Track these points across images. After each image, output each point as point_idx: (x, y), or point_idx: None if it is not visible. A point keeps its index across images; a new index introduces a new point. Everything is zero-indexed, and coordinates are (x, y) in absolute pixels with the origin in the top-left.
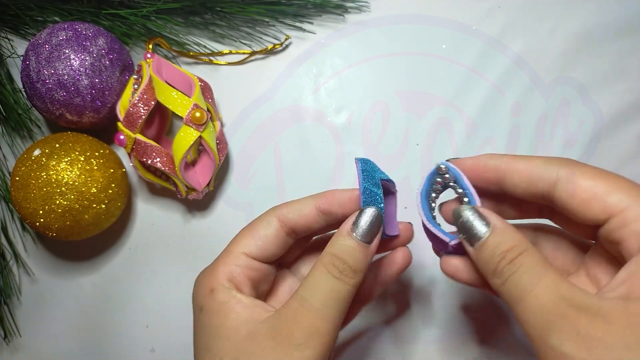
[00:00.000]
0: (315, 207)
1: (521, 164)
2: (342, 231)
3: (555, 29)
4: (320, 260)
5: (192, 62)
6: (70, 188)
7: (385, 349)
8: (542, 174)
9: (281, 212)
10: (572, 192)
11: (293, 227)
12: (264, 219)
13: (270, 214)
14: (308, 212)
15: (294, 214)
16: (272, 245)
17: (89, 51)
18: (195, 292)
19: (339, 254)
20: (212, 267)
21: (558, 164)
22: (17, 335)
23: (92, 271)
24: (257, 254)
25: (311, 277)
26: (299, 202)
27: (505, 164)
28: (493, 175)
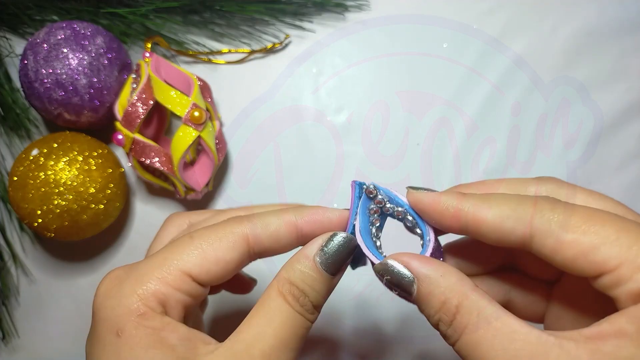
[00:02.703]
0: (296, 226)
1: (488, 213)
2: (304, 254)
3: (555, 29)
4: (277, 287)
5: (191, 61)
6: (69, 188)
7: None
8: (515, 226)
9: (253, 231)
10: (554, 249)
11: (262, 251)
12: (227, 237)
13: (237, 231)
14: (287, 234)
15: (269, 235)
16: (228, 272)
17: (87, 50)
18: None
19: (299, 283)
20: (139, 278)
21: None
22: (16, 336)
23: (91, 272)
24: (205, 279)
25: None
26: (276, 218)
27: (468, 210)
28: (456, 222)
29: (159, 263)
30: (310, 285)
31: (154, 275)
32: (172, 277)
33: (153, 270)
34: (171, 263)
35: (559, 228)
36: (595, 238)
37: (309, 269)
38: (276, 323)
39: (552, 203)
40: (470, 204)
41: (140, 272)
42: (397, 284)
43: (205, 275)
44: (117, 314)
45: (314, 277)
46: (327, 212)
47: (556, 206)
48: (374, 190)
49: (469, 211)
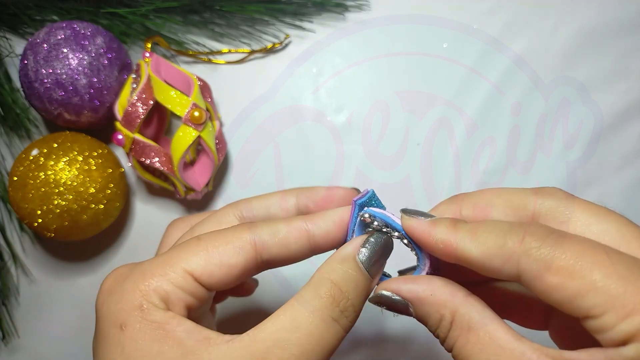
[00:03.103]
0: (307, 233)
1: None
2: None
3: (555, 29)
4: (314, 288)
5: (191, 61)
6: (69, 188)
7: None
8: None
9: (261, 236)
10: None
11: (270, 259)
12: (234, 242)
13: (244, 236)
14: (296, 241)
15: (277, 242)
16: (232, 277)
17: (87, 50)
18: (108, 301)
19: (342, 284)
20: (142, 274)
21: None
22: (16, 336)
23: (91, 272)
24: (208, 282)
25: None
26: (285, 225)
27: (456, 246)
28: (446, 255)
29: (162, 261)
30: (354, 287)
31: (156, 272)
32: (174, 274)
33: (156, 267)
34: (175, 262)
35: (545, 270)
36: (581, 284)
37: (352, 268)
38: (303, 331)
39: (540, 239)
40: (460, 237)
41: (144, 270)
42: (395, 310)
43: (208, 277)
44: (119, 308)
45: (356, 277)
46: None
47: (544, 244)
48: (370, 218)
49: (457, 247)
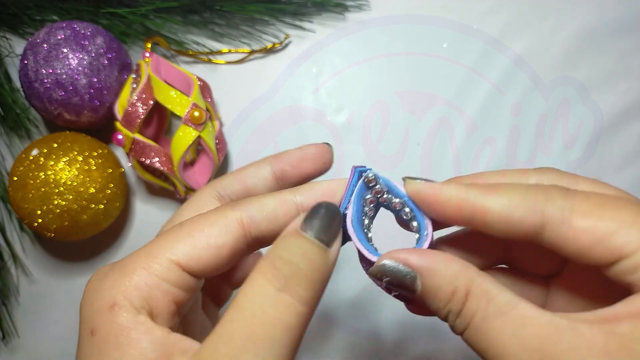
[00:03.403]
0: (296, 205)
1: (496, 202)
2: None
3: (555, 29)
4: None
5: (191, 61)
6: (69, 188)
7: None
8: (525, 215)
9: (248, 214)
10: (568, 236)
11: (260, 235)
12: (219, 220)
13: (231, 214)
14: (285, 214)
15: (265, 216)
16: (222, 259)
17: (87, 50)
18: (87, 303)
19: (285, 255)
20: (121, 270)
21: (545, 198)
22: (16, 336)
23: (91, 272)
24: (196, 268)
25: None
26: (273, 198)
27: (474, 200)
28: (459, 213)
29: (144, 253)
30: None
31: (138, 266)
32: (158, 266)
33: (138, 260)
34: (158, 252)
35: (573, 215)
36: (611, 223)
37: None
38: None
39: (563, 190)
40: (475, 193)
41: (124, 265)
42: (398, 284)
43: (195, 263)
44: (93, 309)
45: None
46: (327, 184)
47: (568, 193)
48: (374, 179)
49: (474, 201)
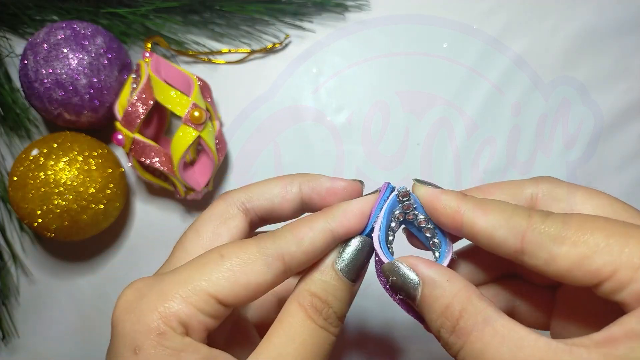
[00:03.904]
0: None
1: (482, 220)
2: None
3: (555, 29)
4: (297, 301)
5: (191, 61)
6: (69, 188)
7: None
8: (506, 238)
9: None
10: (546, 262)
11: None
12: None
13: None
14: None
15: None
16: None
17: (87, 50)
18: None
19: (321, 293)
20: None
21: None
22: (16, 336)
23: (91, 271)
24: (233, 303)
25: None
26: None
27: (465, 214)
28: (453, 223)
29: (183, 280)
30: (333, 295)
31: (177, 294)
32: (196, 297)
33: (177, 287)
34: (198, 283)
35: (551, 241)
36: (585, 248)
37: (330, 277)
38: (298, 342)
39: (545, 215)
40: (468, 207)
41: (164, 288)
42: (401, 286)
43: (233, 299)
44: (136, 329)
45: (335, 286)
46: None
47: (548, 218)
48: (407, 193)
49: (465, 214)
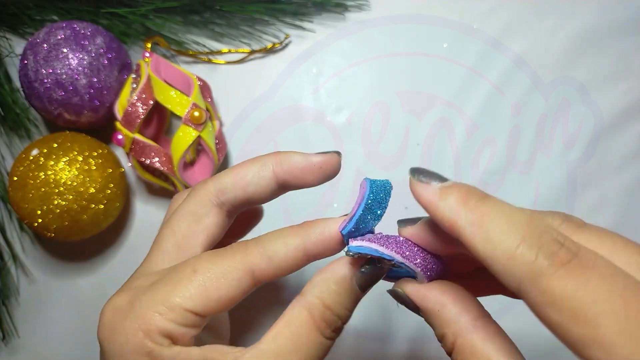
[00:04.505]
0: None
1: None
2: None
3: (555, 29)
4: (308, 309)
5: (191, 61)
6: (69, 188)
7: None
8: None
9: (259, 266)
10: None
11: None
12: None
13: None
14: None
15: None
16: (233, 304)
17: (87, 50)
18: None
19: (335, 307)
20: (142, 316)
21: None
22: (16, 336)
23: (91, 272)
24: (208, 313)
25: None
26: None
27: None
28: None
29: (160, 298)
30: (345, 307)
31: (156, 312)
32: (174, 314)
33: (155, 305)
34: (173, 300)
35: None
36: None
37: (345, 289)
38: (302, 352)
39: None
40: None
41: (143, 308)
42: (408, 308)
43: (208, 311)
44: (125, 350)
45: (349, 298)
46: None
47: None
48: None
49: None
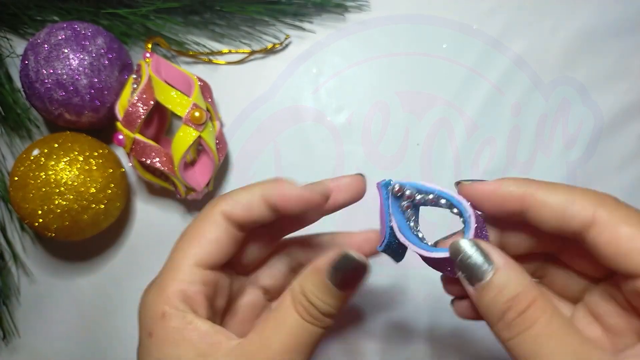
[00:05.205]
0: (263, 200)
1: (553, 198)
2: (317, 268)
3: (555, 29)
4: (291, 294)
5: (191, 61)
6: (69, 188)
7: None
8: (578, 212)
9: (224, 207)
10: (610, 239)
11: (242, 222)
12: (208, 219)
13: (214, 212)
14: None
15: (241, 208)
16: (226, 246)
17: (88, 51)
18: (142, 314)
19: (309, 295)
20: (161, 285)
21: (597, 201)
22: (16, 336)
23: (91, 271)
24: (211, 261)
25: (278, 313)
26: (246, 193)
27: (532, 195)
28: (517, 206)
29: (171, 266)
30: (320, 299)
31: (170, 277)
32: (182, 272)
33: (168, 274)
34: (180, 261)
35: (621, 222)
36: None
37: (320, 282)
38: (283, 332)
39: (616, 201)
40: (535, 187)
41: (161, 280)
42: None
43: (207, 258)
44: (148, 317)
45: (324, 291)
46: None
47: (620, 204)
48: (400, 188)
49: (533, 195)
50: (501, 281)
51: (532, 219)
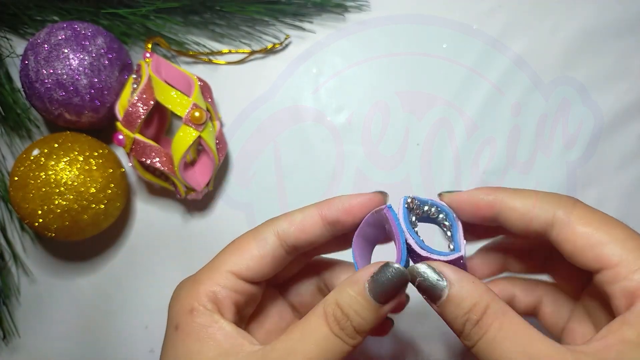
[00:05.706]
0: (320, 217)
1: (518, 202)
2: (355, 279)
3: (555, 29)
4: (323, 305)
5: (191, 61)
6: (69, 188)
7: None
8: (539, 213)
9: (280, 226)
10: (567, 237)
11: (294, 243)
12: (259, 235)
13: (268, 229)
14: (312, 225)
15: (295, 227)
16: (266, 266)
17: (88, 51)
18: (172, 307)
19: (344, 307)
20: (194, 282)
21: (556, 203)
22: (16, 336)
23: (91, 271)
24: (247, 275)
25: (307, 323)
26: (301, 213)
27: (501, 201)
28: (489, 212)
29: (208, 268)
30: (355, 311)
31: (205, 278)
32: (218, 276)
33: (204, 273)
34: (218, 265)
35: (576, 221)
36: (604, 235)
37: (358, 294)
38: (310, 343)
39: (574, 201)
40: (504, 195)
41: (196, 277)
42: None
43: (246, 271)
44: (176, 311)
45: (361, 304)
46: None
47: (577, 204)
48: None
49: (502, 200)
50: (456, 296)
51: (503, 223)
